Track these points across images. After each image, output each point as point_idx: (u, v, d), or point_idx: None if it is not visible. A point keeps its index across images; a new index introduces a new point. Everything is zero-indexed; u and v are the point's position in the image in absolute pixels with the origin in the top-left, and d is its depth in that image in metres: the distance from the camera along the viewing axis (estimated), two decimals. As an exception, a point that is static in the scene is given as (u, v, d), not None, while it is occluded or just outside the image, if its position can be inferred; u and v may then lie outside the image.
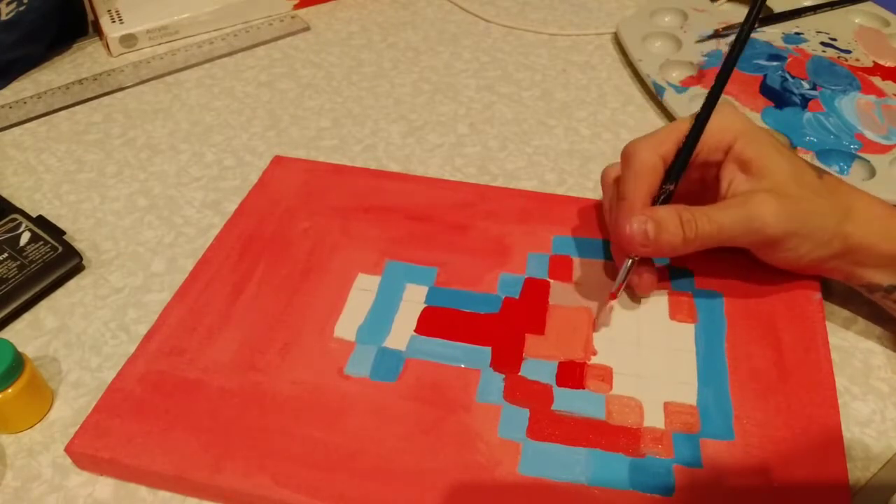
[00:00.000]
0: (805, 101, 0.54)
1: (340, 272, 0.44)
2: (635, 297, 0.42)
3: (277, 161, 0.52)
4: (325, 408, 0.37)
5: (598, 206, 0.47)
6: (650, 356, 0.39)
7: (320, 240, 0.46)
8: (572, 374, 0.38)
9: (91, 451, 0.36)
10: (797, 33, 0.62)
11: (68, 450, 0.36)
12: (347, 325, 0.41)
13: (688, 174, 0.40)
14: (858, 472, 0.36)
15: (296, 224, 0.47)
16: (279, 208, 0.48)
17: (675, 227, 0.38)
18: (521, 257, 0.44)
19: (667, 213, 0.38)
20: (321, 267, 0.44)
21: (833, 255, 0.39)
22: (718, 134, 0.39)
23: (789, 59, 0.58)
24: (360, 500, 0.34)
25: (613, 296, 0.40)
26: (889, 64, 0.58)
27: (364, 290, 0.43)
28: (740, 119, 0.40)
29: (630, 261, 0.39)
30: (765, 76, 0.57)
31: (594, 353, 0.39)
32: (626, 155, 0.40)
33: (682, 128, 0.40)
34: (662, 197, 0.39)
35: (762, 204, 0.37)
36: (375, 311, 0.42)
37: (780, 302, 0.41)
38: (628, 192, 0.39)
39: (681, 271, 0.43)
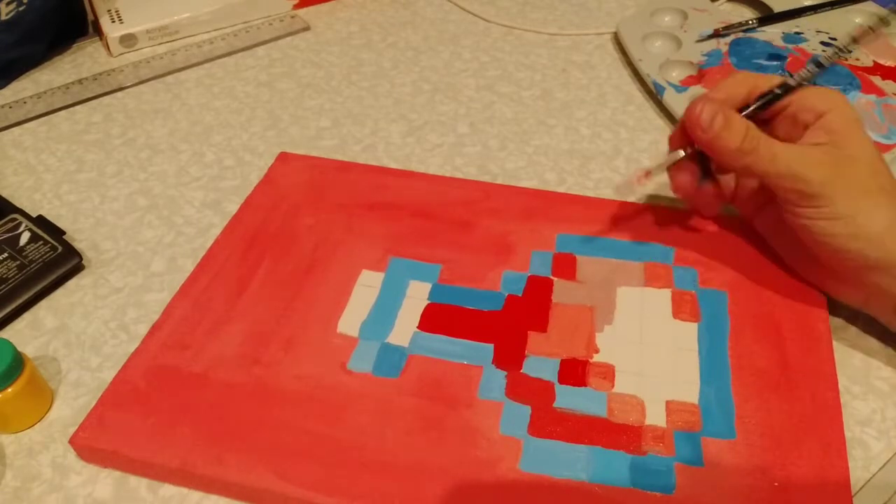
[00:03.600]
0: (805, 101, 0.54)
1: (344, 268, 0.44)
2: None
3: (283, 157, 0.52)
4: (328, 403, 0.37)
5: (601, 204, 0.47)
6: (653, 354, 0.39)
7: (325, 236, 0.46)
8: (574, 371, 0.38)
9: (95, 443, 0.36)
10: (797, 33, 0.62)
11: (72, 442, 0.36)
12: (351, 321, 0.41)
13: (774, 126, 0.41)
14: (859, 472, 0.35)
15: (300, 220, 0.47)
16: (284, 204, 0.48)
17: (738, 133, 0.38)
18: (524, 255, 0.44)
19: (739, 118, 0.39)
20: (325, 263, 0.44)
21: (875, 265, 0.37)
22: (815, 97, 0.39)
23: (789, 59, 0.58)
24: (361, 494, 0.34)
25: (648, 173, 0.41)
26: (889, 63, 0.58)
27: (368, 286, 0.43)
28: (844, 101, 0.40)
29: (681, 152, 0.41)
30: (765, 76, 0.57)
31: (596, 351, 0.39)
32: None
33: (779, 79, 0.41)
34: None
35: (817, 152, 0.38)
36: (379, 308, 0.42)
37: (783, 301, 0.41)
38: (718, 87, 0.41)
39: (685, 270, 0.43)
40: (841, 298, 0.41)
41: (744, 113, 0.40)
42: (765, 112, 0.41)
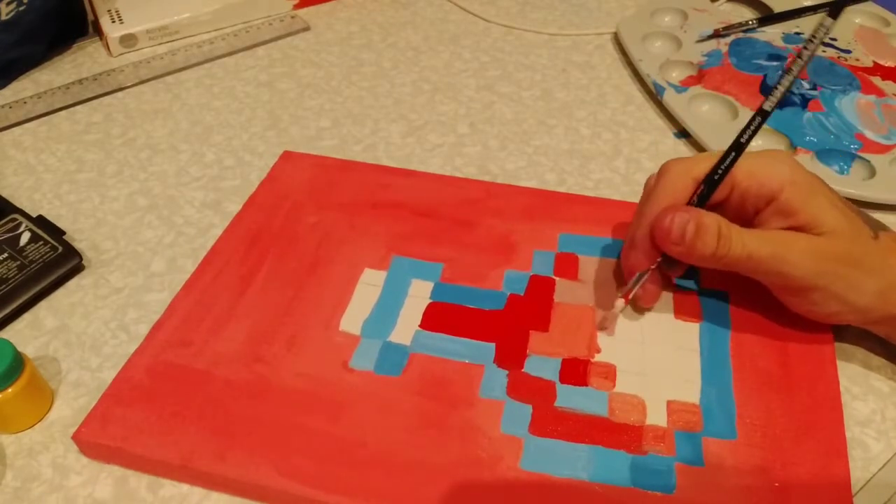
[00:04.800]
0: (805, 101, 0.54)
1: (347, 267, 0.44)
2: (638, 307, 0.41)
3: (286, 156, 0.52)
4: (330, 400, 0.37)
5: (604, 204, 0.48)
6: (654, 354, 0.39)
7: (328, 234, 0.46)
8: (576, 371, 0.38)
9: (97, 439, 0.36)
10: (797, 33, 0.62)
11: (75, 438, 0.36)
12: (353, 319, 0.41)
13: (724, 214, 0.38)
14: (858, 472, 0.35)
15: (304, 218, 0.47)
16: (287, 202, 0.48)
17: (712, 238, 0.36)
18: (526, 254, 0.44)
19: (711, 220, 0.36)
20: (328, 261, 0.44)
21: (871, 321, 0.37)
22: (762, 179, 0.37)
23: (789, 59, 0.58)
24: (362, 492, 0.34)
25: (626, 300, 0.40)
26: (889, 64, 0.59)
27: (370, 284, 0.43)
28: (790, 167, 0.37)
29: (647, 271, 0.39)
30: (765, 76, 0.57)
31: (598, 351, 0.39)
32: (659, 172, 0.40)
33: (713, 158, 0.38)
34: None
35: (795, 247, 0.35)
36: (381, 306, 0.42)
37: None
38: (647, 210, 0.39)
39: (687, 270, 0.43)
40: None
41: (695, 198, 0.38)
42: (712, 200, 0.38)
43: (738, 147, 0.37)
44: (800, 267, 0.35)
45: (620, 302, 0.40)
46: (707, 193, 0.38)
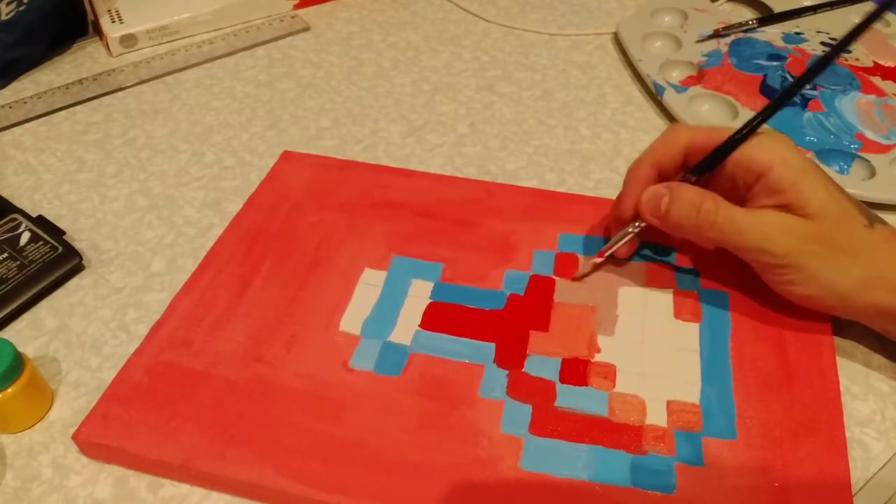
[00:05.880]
0: (805, 101, 0.54)
1: (347, 267, 0.44)
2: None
3: (286, 156, 0.52)
4: (330, 401, 0.37)
5: (604, 204, 0.47)
6: (654, 355, 0.39)
7: (327, 234, 0.46)
8: (576, 371, 0.38)
9: (97, 439, 0.36)
10: (797, 33, 0.62)
11: (75, 437, 0.36)
12: (353, 319, 0.41)
13: (714, 188, 0.39)
14: (858, 472, 0.35)
15: (303, 218, 0.47)
16: (287, 202, 0.48)
17: (690, 212, 0.37)
18: (526, 254, 0.44)
19: (692, 194, 0.38)
20: (328, 261, 0.44)
21: (855, 310, 0.38)
22: (752, 152, 0.37)
23: (789, 59, 0.58)
24: (362, 492, 0.34)
25: (601, 255, 0.42)
26: (889, 64, 0.59)
27: (370, 284, 0.43)
28: (783, 146, 0.37)
29: (630, 229, 0.41)
30: (765, 76, 0.57)
31: (598, 351, 0.39)
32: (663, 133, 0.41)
33: (720, 132, 0.38)
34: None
35: (781, 223, 0.36)
36: (381, 306, 0.42)
37: (784, 302, 0.40)
38: (646, 151, 0.41)
39: (687, 270, 0.43)
40: None
41: (691, 176, 0.39)
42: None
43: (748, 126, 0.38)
44: (782, 241, 0.36)
45: (595, 257, 0.42)
46: (705, 166, 0.39)
